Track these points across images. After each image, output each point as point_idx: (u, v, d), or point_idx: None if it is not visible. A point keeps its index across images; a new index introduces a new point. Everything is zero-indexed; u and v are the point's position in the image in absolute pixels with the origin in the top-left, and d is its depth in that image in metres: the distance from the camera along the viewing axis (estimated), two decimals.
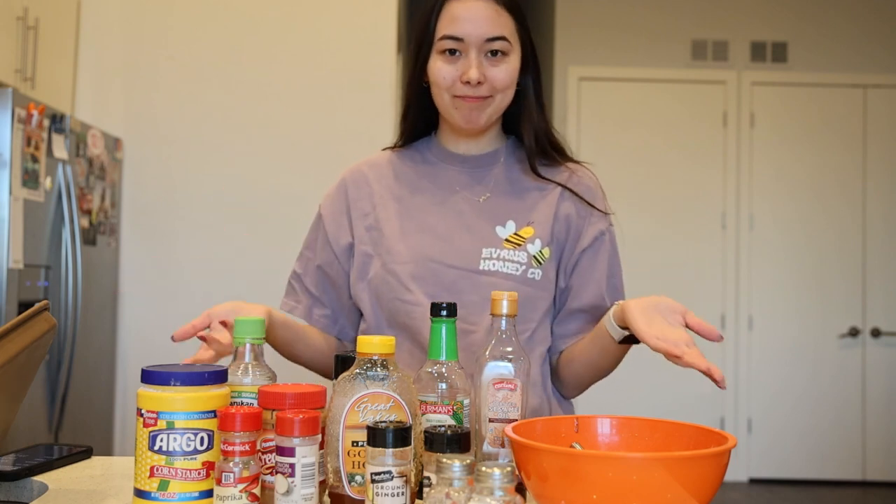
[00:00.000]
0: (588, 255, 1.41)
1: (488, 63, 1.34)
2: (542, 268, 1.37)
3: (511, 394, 1.07)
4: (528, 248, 1.38)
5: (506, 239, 1.38)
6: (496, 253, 1.37)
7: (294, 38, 3.41)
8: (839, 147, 5.09)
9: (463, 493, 0.85)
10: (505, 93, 1.37)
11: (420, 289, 1.36)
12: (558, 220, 1.41)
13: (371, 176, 1.48)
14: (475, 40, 1.33)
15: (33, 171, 2.67)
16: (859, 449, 4.99)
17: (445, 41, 1.34)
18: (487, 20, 1.33)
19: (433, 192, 1.44)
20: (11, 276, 2.57)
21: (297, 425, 0.93)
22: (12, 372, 0.94)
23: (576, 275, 1.41)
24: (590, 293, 1.41)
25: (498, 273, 1.35)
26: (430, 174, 1.45)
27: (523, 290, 1.35)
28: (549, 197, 1.42)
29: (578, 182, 1.45)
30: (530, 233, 1.39)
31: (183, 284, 3.37)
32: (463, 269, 1.36)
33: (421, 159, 1.47)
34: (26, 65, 2.92)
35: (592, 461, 0.88)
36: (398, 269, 1.38)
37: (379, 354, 1.00)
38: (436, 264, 1.37)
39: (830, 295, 5.04)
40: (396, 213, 1.43)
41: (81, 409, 2.98)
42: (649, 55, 5.08)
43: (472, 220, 1.40)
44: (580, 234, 1.42)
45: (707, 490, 0.89)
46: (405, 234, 1.41)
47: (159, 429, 0.95)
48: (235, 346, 1.08)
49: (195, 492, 0.96)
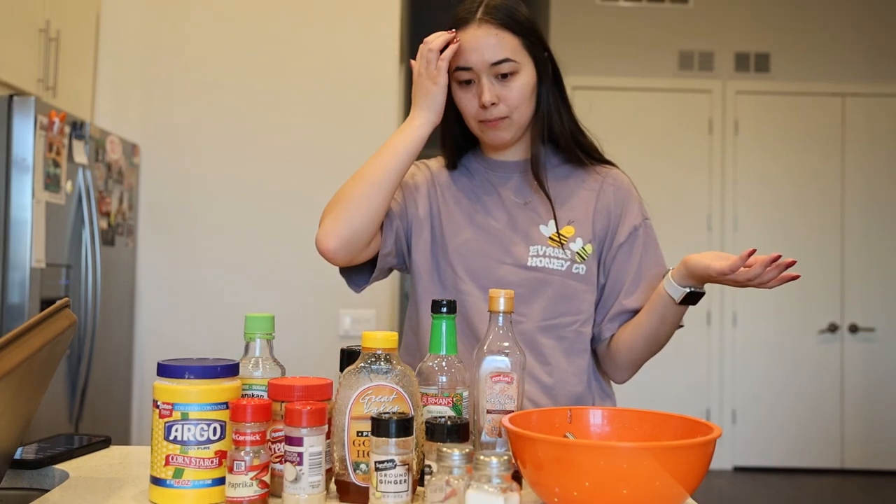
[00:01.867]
0: (624, 250, 1.44)
1: (500, 84, 1.36)
2: (586, 263, 1.41)
3: (508, 386, 1.07)
4: (571, 247, 1.40)
5: (549, 237, 1.41)
6: (542, 250, 1.40)
7: (303, 49, 3.40)
8: (819, 152, 5.09)
9: (462, 480, 0.85)
10: (520, 108, 1.39)
11: (473, 281, 1.39)
12: (597, 218, 1.44)
13: (436, 172, 1.50)
14: (482, 67, 1.35)
15: (55, 176, 2.67)
16: (838, 438, 4.98)
17: (459, 73, 1.38)
18: (489, 46, 1.34)
19: (481, 195, 1.46)
20: (34, 275, 2.57)
21: (305, 416, 0.93)
22: (35, 366, 0.94)
23: (613, 269, 1.43)
24: (622, 289, 1.43)
25: (545, 269, 1.39)
26: (477, 181, 1.48)
27: (570, 284, 1.39)
28: (588, 197, 1.45)
29: (612, 183, 1.48)
30: (571, 232, 1.42)
31: (197, 283, 3.37)
32: (513, 264, 1.39)
33: (467, 171, 1.50)
34: (48, 74, 2.91)
35: (585, 450, 0.88)
36: (455, 262, 1.41)
37: (382, 349, 1.00)
38: (488, 259, 1.40)
39: (810, 292, 5.04)
40: (456, 211, 1.45)
41: (100, 401, 2.97)
42: (639, 65, 5.08)
43: (518, 220, 1.43)
44: (616, 230, 1.44)
45: (693, 478, 0.89)
46: (462, 230, 1.43)
47: (174, 419, 0.95)
48: (247, 341, 1.08)
49: (208, 479, 0.96)
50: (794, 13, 5.11)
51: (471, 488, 0.82)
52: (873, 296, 5.04)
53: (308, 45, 3.41)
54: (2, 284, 2.54)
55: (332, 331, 3.29)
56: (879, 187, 5.07)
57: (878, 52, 5.10)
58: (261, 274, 3.34)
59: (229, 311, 3.25)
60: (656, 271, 1.45)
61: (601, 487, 0.86)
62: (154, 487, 0.97)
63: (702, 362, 5.04)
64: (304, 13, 3.42)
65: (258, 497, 0.94)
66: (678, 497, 0.88)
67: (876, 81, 5.08)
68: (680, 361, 4.99)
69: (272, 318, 1.09)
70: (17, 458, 1.15)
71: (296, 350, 2.72)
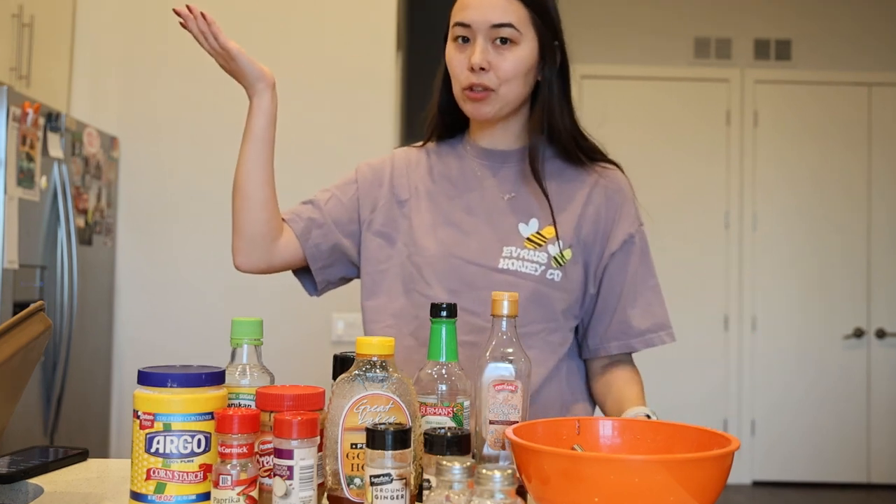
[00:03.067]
0: (618, 259, 1.42)
1: (495, 51, 1.35)
2: (563, 269, 1.38)
3: (512, 395, 1.07)
4: (549, 249, 1.39)
5: (527, 238, 1.39)
6: (516, 252, 1.38)
7: (293, 37, 3.40)
8: (843, 146, 5.09)
9: (463, 495, 0.85)
10: (510, 84, 1.36)
11: (440, 283, 1.39)
12: (584, 222, 1.41)
13: (413, 163, 1.51)
14: (482, 26, 1.34)
15: (28, 171, 2.67)
16: (863, 451, 4.99)
17: (456, 28, 1.37)
18: (494, 7, 1.34)
19: (462, 185, 1.45)
20: (6, 277, 2.57)
21: (296, 427, 0.93)
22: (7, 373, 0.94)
23: (607, 279, 1.42)
24: (618, 301, 1.42)
25: (517, 272, 1.37)
26: (460, 168, 1.47)
27: (541, 290, 1.37)
28: (577, 197, 1.43)
29: (607, 185, 1.45)
30: (552, 233, 1.39)
31: (180, 285, 3.37)
32: (482, 265, 1.38)
33: (454, 154, 1.49)
34: (21, 63, 2.92)
35: (594, 464, 0.88)
36: (421, 263, 1.41)
37: (378, 355, 1.00)
38: (457, 260, 1.39)
39: (834, 295, 5.04)
40: (427, 207, 1.45)
41: (77, 410, 2.98)
42: (652, 53, 5.08)
43: (497, 216, 1.42)
44: (608, 237, 1.42)
45: (710, 493, 0.89)
46: (432, 228, 1.43)
47: (156, 431, 0.95)
48: (233, 347, 1.08)
49: (192, 494, 0.96)
50: None
51: None
52: None
53: (298, 33, 3.41)
54: None
55: (324, 336, 3.30)
56: None
57: None
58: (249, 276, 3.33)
59: (215, 315, 3.25)
60: (652, 283, 1.44)
61: (611, 503, 0.86)
62: (134, 503, 0.96)
63: (719, 369, 5.04)
64: None
65: None
66: None
67: None
68: (696, 368, 4.99)
69: (260, 323, 1.09)
70: None
71: (286, 357, 2.72)
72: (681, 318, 4.98)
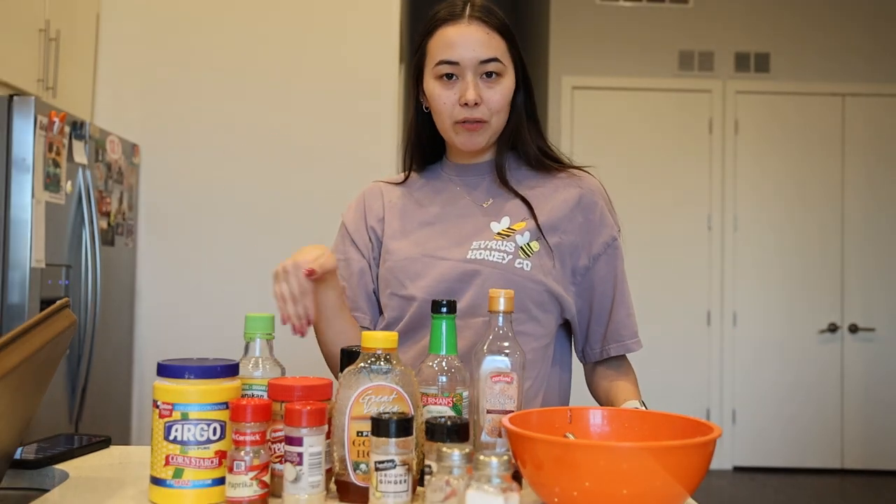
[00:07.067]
0: (603, 262, 1.39)
1: (484, 85, 1.33)
2: (531, 260, 1.33)
3: (508, 386, 1.07)
4: (517, 240, 1.35)
5: (498, 232, 1.37)
6: (485, 244, 1.35)
7: (303, 50, 3.40)
8: (819, 152, 5.09)
9: (462, 480, 0.85)
10: (500, 114, 1.36)
11: (413, 282, 1.35)
12: (561, 223, 1.38)
13: (385, 190, 1.48)
14: (470, 63, 1.32)
15: (55, 176, 2.67)
16: (838, 438, 4.98)
17: (442, 66, 1.33)
18: (480, 43, 1.32)
19: (440, 199, 1.43)
20: (34, 275, 2.57)
21: (305, 416, 0.93)
22: (34, 366, 0.94)
23: (598, 282, 1.39)
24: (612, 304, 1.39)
25: (485, 262, 1.33)
26: (439, 188, 1.45)
27: (511, 279, 1.32)
28: (551, 199, 1.40)
29: (583, 189, 1.41)
30: (521, 226, 1.37)
31: (197, 283, 3.36)
32: (452, 259, 1.35)
33: (434, 177, 1.47)
34: (48, 75, 2.91)
35: (585, 450, 0.88)
36: (395, 266, 1.38)
37: (382, 349, 1.00)
38: (428, 257, 1.36)
39: (810, 292, 5.04)
40: (398, 216, 1.43)
41: (100, 401, 2.97)
42: (639, 65, 5.07)
43: (471, 219, 1.39)
44: (591, 240, 1.39)
45: (693, 478, 0.89)
46: (404, 233, 1.41)
47: (174, 419, 0.95)
48: (246, 341, 1.08)
49: (208, 479, 0.96)
50: (794, 13, 5.12)
51: (471, 488, 0.82)
52: (873, 296, 5.04)
53: (308, 46, 3.41)
54: (2, 284, 2.54)
55: None
56: (879, 187, 5.07)
57: (878, 51, 5.10)
58: (261, 274, 3.32)
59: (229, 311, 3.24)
60: (628, 287, 1.42)
61: (601, 487, 0.86)
62: (154, 487, 0.96)
63: (702, 362, 5.04)
64: (304, 13, 3.42)
65: (258, 497, 0.94)
66: (678, 497, 0.88)
67: (876, 81, 5.08)
68: (680, 361, 4.99)
69: (272, 318, 1.09)
70: (16, 458, 1.15)
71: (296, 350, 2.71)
72: (666, 314, 5.00)
